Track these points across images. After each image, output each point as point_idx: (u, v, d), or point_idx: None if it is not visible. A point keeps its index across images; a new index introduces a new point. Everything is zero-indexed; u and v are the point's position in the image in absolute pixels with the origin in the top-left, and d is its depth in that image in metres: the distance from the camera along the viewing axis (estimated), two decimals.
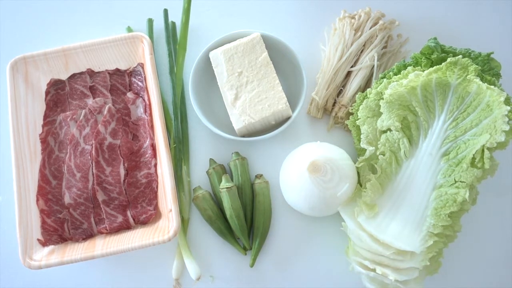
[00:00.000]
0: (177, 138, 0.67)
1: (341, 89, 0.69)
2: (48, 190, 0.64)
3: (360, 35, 0.69)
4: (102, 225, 0.64)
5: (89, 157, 0.65)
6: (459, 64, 0.56)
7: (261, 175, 0.66)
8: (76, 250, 0.60)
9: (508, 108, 0.53)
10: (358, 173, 0.62)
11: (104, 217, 0.63)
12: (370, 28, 0.69)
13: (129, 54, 0.69)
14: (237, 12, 0.75)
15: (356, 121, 0.63)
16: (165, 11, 0.73)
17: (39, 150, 0.66)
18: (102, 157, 0.65)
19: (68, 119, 0.67)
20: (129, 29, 0.73)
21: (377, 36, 0.69)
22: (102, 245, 0.60)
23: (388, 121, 0.59)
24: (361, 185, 0.62)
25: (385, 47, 0.71)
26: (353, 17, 0.71)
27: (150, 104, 0.67)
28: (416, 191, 0.58)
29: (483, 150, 0.55)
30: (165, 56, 0.71)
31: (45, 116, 0.68)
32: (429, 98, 0.58)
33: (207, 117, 0.66)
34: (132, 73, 0.70)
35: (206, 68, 0.67)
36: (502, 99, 0.54)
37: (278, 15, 0.75)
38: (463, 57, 0.57)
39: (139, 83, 0.69)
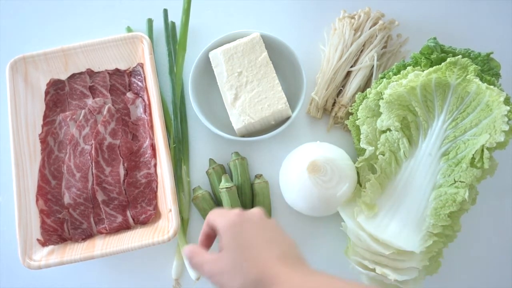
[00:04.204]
0: (177, 138, 0.67)
1: (340, 89, 0.69)
2: (48, 190, 0.64)
3: (360, 35, 0.69)
4: (102, 225, 0.64)
5: (89, 157, 0.65)
6: (458, 64, 0.56)
7: (260, 175, 0.66)
8: (76, 250, 0.60)
9: (508, 108, 0.53)
10: (357, 173, 0.62)
11: (104, 217, 0.63)
12: (370, 28, 0.69)
13: (128, 54, 0.69)
14: (237, 12, 0.75)
15: (356, 121, 0.63)
16: (165, 11, 0.73)
17: (39, 150, 0.66)
18: (101, 157, 0.65)
19: (68, 119, 0.67)
20: (129, 29, 0.73)
21: (376, 36, 0.69)
22: (101, 245, 0.60)
23: (388, 121, 0.59)
24: (360, 185, 0.62)
25: (384, 47, 0.71)
26: (352, 17, 0.71)
27: (149, 104, 0.67)
28: (416, 191, 0.58)
29: (482, 150, 0.55)
30: (165, 56, 0.71)
31: (45, 116, 0.68)
32: (429, 98, 0.58)
33: (207, 117, 0.66)
34: (131, 73, 0.70)
35: (206, 68, 0.67)
36: (502, 99, 0.54)
37: (277, 15, 0.75)
38: (463, 57, 0.57)
39: (139, 83, 0.69)
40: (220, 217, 0.46)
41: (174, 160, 0.66)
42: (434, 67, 0.57)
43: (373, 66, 0.68)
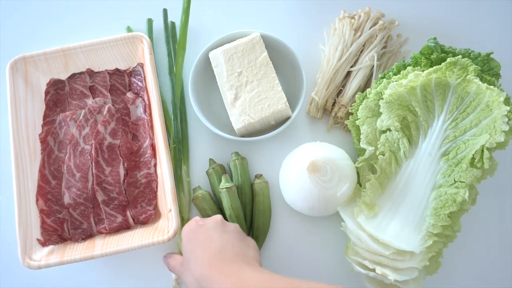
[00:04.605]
0: (176, 138, 0.67)
1: (340, 89, 0.69)
2: (48, 190, 0.64)
3: (360, 35, 0.69)
4: (102, 225, 0.64)
5: (89, 157, 0.65)
6: (458, 64, 0.56)
7: (260, 175, 0.66)
8: (76, 250, 0.60)
9: (508, 108, 0.53)
10: (357, 173, 0.62)
11: (104, 217, 0.63)
12: (370, 28, 0.69)
13: (128, 54, 0.69)
14: (237, 12, 0.75)
15: (356, 121, 0.63)
16: (165, 11, 0.73)
17: (39, 150, 0.66)
18: (101, 157, 0.65)
19: (68, 119, 0.67)
20: (129, 29, 0.73)
21: (376, 36, 0.69)
22: (101, 245, 0.60)
23: (388, 121, 0.59)
24: (360, 185, 0.62)
25: (384, 47, 0.71)
26: (352, 17, 0.71)
27: (149, 104, 0.67)
28: (416, 191, 0.58)
29: (482, 150, 0.55)
30: (165, 56, 0.71)
31: (45, 116, 0.68)
32: (429, 98, 0.58)
33: (207, 117, 0.66)
34: (131, 73, 0.70)
35: (206, 68, 0.67)
36: (502, 99, 0.54)
37: (278, 15, 0.75)
38: (463, 57, 0.57)
39: (139, 83, 0.69)
40: (185, 225, 0.55)
41: (174, 160, 0.66)
42: (434, 67, 0.57)
43: (373, 66, 0.68)
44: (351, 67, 0.69)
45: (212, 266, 0.47)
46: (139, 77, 0.69)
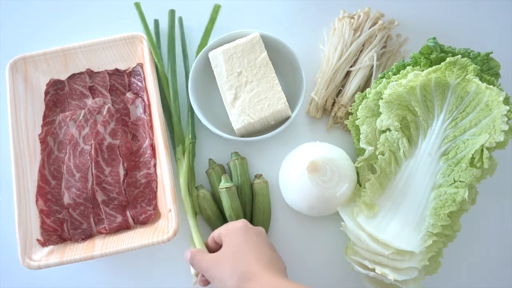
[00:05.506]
0: (192, 133, 0.67)
1: (340, 89, 0.69)
2: (48, 190, 0.64)
3: (360, 35, 0.69)
4: (102, 225, 0.64)
5: (89, 157, 0.65)
6: (458, 63, 0.56)
7: (260, 175, 0.66)
8: (76, 250, 0.60)
9: (507, 107, 0.53)
10: (357, 173, 0.62)
11: (104, 217, 0.63)
12: (370, 28, 0.69)
13: (128, 54, 0.69)
14: (237, 12, 0.75)
15: (356, 121, 0.63)
16: (172, 11, 0.73)
17: (39, 150, 0.66)
18: (101, 157, 0.65)
19: (68, 119, 0.67)
20: (137, 6, 0.71)
21: (376, 36, 0.69)
22: (101, 245, 0.60)
23: (387, 121, 0.59)
24: (360, 185, 0.62)
25: (384, 47, 0.71)
26: (352, 17, 0.71)
27: (149, 104, 0.67)
28: (416, 190, 0.58)
29: (482, 150, 0.55)
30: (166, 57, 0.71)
31: (45, 116, 0.68)
32: (428, 98, 0.58)
33: (207, 117, 0.66)
34: (131, 73, 0.70)
35: (206, 68, 0.67)
36: (501, 98, 0.54)
37: (277, 15, 0.75)
38: (462, 56, 0.57)
39: (138, 83, 0.69)
40: (226, 225, 0.58)
41: (191, 155, 0.66)
42: (434, 67, 0.57)
43: (372, 66, 0.68)
44: (351, 67, 0.69)
45: (257, 267, 0.51)
46: (138, 77, 0.69)
